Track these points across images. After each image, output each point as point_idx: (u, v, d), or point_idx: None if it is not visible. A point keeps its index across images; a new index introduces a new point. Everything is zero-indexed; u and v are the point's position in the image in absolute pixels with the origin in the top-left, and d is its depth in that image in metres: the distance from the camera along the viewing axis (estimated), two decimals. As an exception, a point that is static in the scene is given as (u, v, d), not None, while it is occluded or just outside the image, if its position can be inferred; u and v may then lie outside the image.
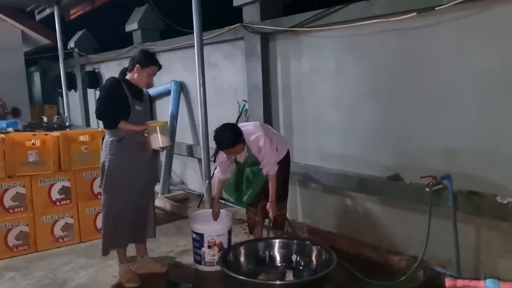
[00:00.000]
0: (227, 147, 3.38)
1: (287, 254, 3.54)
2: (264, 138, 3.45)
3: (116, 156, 3.38)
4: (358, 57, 3.95)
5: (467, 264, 3.26)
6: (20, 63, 9.68)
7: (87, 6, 8.60)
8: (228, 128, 3.43)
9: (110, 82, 3.42)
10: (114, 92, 3.35)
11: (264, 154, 3.48)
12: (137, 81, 3.44)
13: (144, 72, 3.41)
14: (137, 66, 3.39)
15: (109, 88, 3.38)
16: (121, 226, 3.49)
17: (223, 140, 3.36)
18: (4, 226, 4.14)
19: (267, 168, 3.53)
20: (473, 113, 3.20)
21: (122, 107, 3.34)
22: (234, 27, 5.03)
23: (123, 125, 3.33)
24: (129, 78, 3.45)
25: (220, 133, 3.39)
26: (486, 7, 3.02)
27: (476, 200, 3.10)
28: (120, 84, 3.38)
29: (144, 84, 3.48)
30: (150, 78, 3.47)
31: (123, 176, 3.40)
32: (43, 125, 7.24)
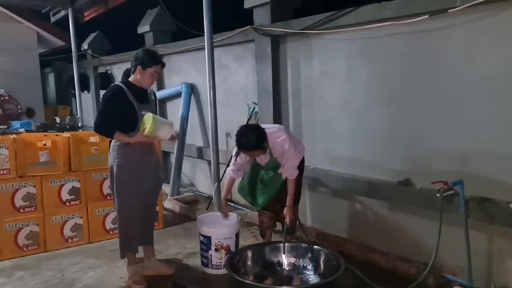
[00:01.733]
0: (249, 149, 3.33)
1: (294, 258, 3.51)
2: (289, 142, 3.41)
3: (124, 160, 3.38)
4: (369, 60, 3.90)
5: (479, 272, 3.18)
6: (35, 64, 9.81)
7: (101, 8, 8.71)
8: (253, 130, 3.36)
9: (111, 92, 3.31)
10: (114, 103, 3.28)
11: (288, 158, 3.44)
12: (140, 82, 3.38)
13: (147, 72, 3.34)
14: (139, 67, 3.32)
15: (108, 99, 3.29)
16: (133, 230, 3.49)
17: (246, 141, 3.29)
18: (14, 226, 4.17)
19: (288, 173, 3.49)
20: (485, 117, 3.13)
21: (126, 116, 3.30)
22: (244, 29, 5.02)
23: (118, 136, 3.30)
24: (132, 80, 3.39)
25: (244, 134, 3.32)
26: (499, 9, 2.96)
27: (489, 206, 3.04)
28: (122, 92, 3.30)
29: (147, 84, 3.41)
30: (153, 78, 3.39)
31: (133, 180, 3.40)
32: (55, 126, 7.33)
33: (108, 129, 3.29)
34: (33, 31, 9.71)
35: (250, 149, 3.33)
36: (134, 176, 3.40)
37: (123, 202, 3.43)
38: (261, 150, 3.36)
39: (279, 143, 3.41)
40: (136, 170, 3.40)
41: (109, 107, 3.29)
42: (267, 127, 3.57)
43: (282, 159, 3.48)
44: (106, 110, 3.29)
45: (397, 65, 3.68)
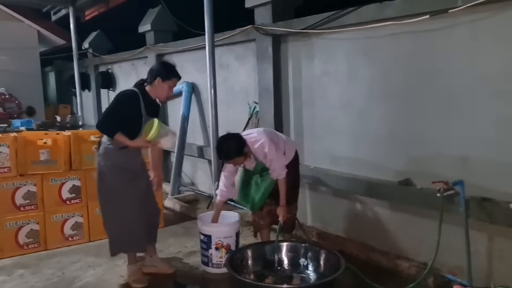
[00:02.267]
0: (230, 157, 3.38)
1: (294, 258, 3.51)
2: (268, 144, 3.43)
3: (114, 164, 3.35)
4: (370, 59, 3.90)
5: (479, 272, 3.18)
6: (35, 63, 9.80)
7: (102, 7, 8.69)
8: (230, 139, 3.41)
9: (126, 96, 3.30)
10: (125, 108, 3.28)
11: (271, 160, 3.46)
12: (157, 94, 3.38)
13: (165, 84, 3.34)
14: (158, 79, 3.31)
15: (122, 102, 3.29)
16: (138, 231, 3.47)
17: (226, 150, 3.35)
18: (15, 224, 4.18)
19: (276, 174, 3.51)
20: (487, 117, 3.13)
21: (131, 124, 3.30)
22: (245, 28, 5.02)
23: (119, 137, 3.26)
24: (148, 90, 3.37)
25: (221, 143, 3.40)
26: (500, 9, 2.96)
27: (489, 207, 3.04)
28: (136, 99, 3.29)
29: (164, 97, 3.42)
30: (170, 90, 3.40)
31: (125, 182, 3.39)
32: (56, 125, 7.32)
33: (110, 128, 3.27)
34: (34, 29, 9.70)
35: (232, 157, 3.37)
36: (125, 178, 3.38)
37: (119, 205, 3.42)
38: (242, 157, 3.40)
39: (259, 147, 3.45)
40: (127, 173, 3.38)
41: (120, 109, 3.27)
42: (246, 133, 3.63)
43: (266, 161, 3.50)
44: (115, 111, 3.27)
45: (398, 65, 3.68)
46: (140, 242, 3.53)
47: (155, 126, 3.21)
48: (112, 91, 8.92)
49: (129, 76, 8.26)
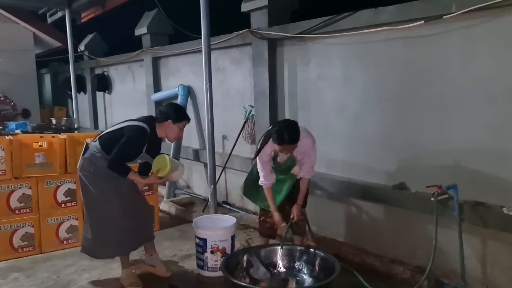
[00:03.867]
0: (291, 141, 3.23)
1: (290, 261, 3.52)
2: (314, 141, 3.44)
3: (100, 168, 3.33)
4: (365, 64, 3.93)
5: (473, 275, 3.22)
6: (31, 65, 9.80)
7: (98, 10, 8.71)
8: (293, 123, 3.30)
9: (139, 136, 3.31)
10: (135, 146, 3.34)
11: (310, 156, 3.45)
12: (166, 134, 3.46)
13: (176, 127, 3.42)
14: (170, 121, 3.39)
15: (133, 142, 3.30)
16: (122, 235, 3.48)
17: (289, 134, 3.20)
18: (9, 227, 4.16)
19: (305, 172, 3.51)
20: (480, 122, 3.16)
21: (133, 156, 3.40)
22: (242, 32, 5.04)
23: (132, 177, 3.35)
24: (158, 129, 3.43)
25: (285, 127, 3.24)
26: (494, 16, 3.00)
27: (482, 210, 3.07)
28: (146, 138, 3.34)
29: (173, 138, 3.50)
30: (181, 132, 3.49)
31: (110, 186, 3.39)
32: (51, 127, 7.32)
33: (123, 168, 3.31)
34: (30, 31, 9.69)
35: (293, 142, 3.24)
36: (109, 181, 3.37)
37: (103, 209, 3.44)
38: (295, 145, 3.30)
39: (305, 141, 3.38)
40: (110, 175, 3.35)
41: (132, 148, 3.32)
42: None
43: (301, 157, 3.47)
44: (127, 150, 3.29)
45: (393, 70, 3.71)
46: (124, 245, 3.54)
47: (168, 163, 3.34)
48: (108, 94, 8.92)
49: (125, 79, 8.26)
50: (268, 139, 3.39)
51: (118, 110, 8.69)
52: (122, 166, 3.31)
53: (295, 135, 3.24)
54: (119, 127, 3.39)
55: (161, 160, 3.40)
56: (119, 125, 3.43)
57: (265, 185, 3.59)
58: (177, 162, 3.54)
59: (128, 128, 3.32)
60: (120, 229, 3.45)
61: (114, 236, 3.47)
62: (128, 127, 3.33)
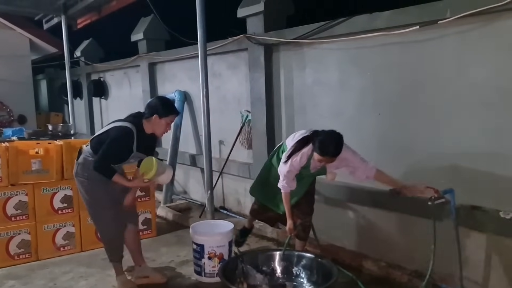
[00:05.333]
0: (334, 155, 3.19)
1: (287, 267, 3.52)
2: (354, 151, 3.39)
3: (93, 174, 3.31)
4: (361, 69, 3.95)
5: (470, 279, 3.22)
6: (27, 71, 9.78)
7: (94, 16, 8.71)
8: (339, 137, 3.22)
9: (122, 137, 3.25)
10: (120, 147, 3.27)
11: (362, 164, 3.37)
12: (154, 130, 3.37)
13: (163, 121, 3.32)
14: (155, 116, 3.29)
15: (118, 143, 3.25)
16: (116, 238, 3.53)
17: (335, 147, 3.16)
18: (6, 234, 4.14)
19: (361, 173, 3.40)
20: (475, 127, 3.18)
21: (120, 159, 3.34)
22: (238, 38, 5.06)
23: (117, 179, 3.28)
24: (145, 126, 3.35)
25: (333, 139, 3.18)
26: (489, 21, 3.02)
27: (479, 215, 3.08)
28: (131, 137, 3.26)
29: (161, 133, 3.41)
30: (168, 127, 3.39)
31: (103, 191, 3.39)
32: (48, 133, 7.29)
33: (109, 170, 3.26)
34: (26, 38, 9.68)
35: (336, 155, 3.20)
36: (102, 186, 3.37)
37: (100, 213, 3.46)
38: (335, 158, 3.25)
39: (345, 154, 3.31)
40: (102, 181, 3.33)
41: (115, 150, 3.26)
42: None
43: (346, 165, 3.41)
44: (111, 152, 3.25)
45: (388, 75, 3.73)
46: (119, 249, 3.57)
47: (154, 166, 3.24)
48: (104, 100, 8.91)
49: (121, 85, 8.26)
50: (303, 145, 3.31)
51: (114, 115, 8.60)
52: (107, 168, 3.26)
53: (339, 148, 3.18)
54: (105, 129, 3.37)
55: (148, 163, 3.30)
56: (107, 127, 3.40)
57: (285, 189, 3.48)
58: (165, 165, 3.44)
59: (113, 129, 3.29)
60: (111, 232, 3.48)
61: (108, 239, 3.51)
62: (113, 128, 3.30)
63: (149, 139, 3.42)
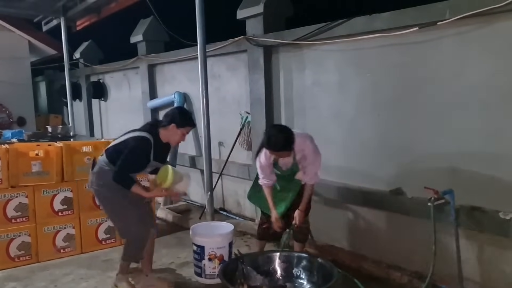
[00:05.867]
0: (276, 148, 3.26)
1: (288, 268, 3.51)
2: (313, 149, 3.42)
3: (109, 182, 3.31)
4: (360, 70, 3.96)
5: (470, 280, 3.23)
6: (26, 73, 9.78)
7: (93, 18, 8.71)
8: (283, 131, 3.29)
9: (141, 147, 3.28)
10: (139, 157, 3.29)
11: (314, 162, 3.43)
12: (169, 139, 3.41)
13: (179, 131, 3.37)
14: (173, 125, 3.34)
15: (136, 153, 3.27)
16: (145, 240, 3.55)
17: (275, 140, 3.22)
18: (6, 236, 4.14)
19: (309, 177, 3.48)
20: (475, 127, 3.19)
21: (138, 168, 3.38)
22: (237, 39, 5.07)
23: (136, 189, 3.29)
24: (161, 134, 3.37)
25: (274, 134, 3.26)
26: (488, 22, 3.04)
27: (479, 215, 3.09)
28: (149, 147, 3.29)
29: (176, 142, 3.46)
30: (184, 137, 3.44)
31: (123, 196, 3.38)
32: (47, 135, 7.30)
33: (128, 181, 3.28)
34: (25, 39, 9.68)
35: (280, 149, 3.27)
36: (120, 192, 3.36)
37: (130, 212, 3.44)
38: (287, 152, 3.31)
39: (304, 146, 3.39)
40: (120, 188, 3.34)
41: (134, 160, 3.28)
42: (295, 130, 3.51)
43: (303, 164, 3.46)
44: (131, 162, 3.27)
45: (388, 76, 3.74)
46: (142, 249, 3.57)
47: (170, 175, 3.26)
48: (104, 101, 8.91)
49: (120, 86, 8.26)
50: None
51: (114, 117, 8.68)
52: (126, 178, 3.28)
53: (285, 142, 3.22)
54: (123, 139, 3.38)
55: (164, 172, 3.33)
56: (123, 136, 3.41)
57: (266, 184, 3.60)
58: (182, 172, 3.44)
59: (131, 139, 3.31)
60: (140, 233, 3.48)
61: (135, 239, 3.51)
62: (131, 138, 3.32)
63: (165, 148, 3.47)
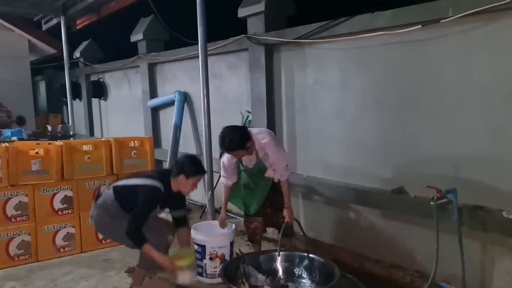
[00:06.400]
0: (231, 149, 3.31)
1: (289, 267, 3.50)
2: (275, 145, 3.43)
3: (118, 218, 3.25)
4: (362, 69, 3.94)
5: (473, 280, 3.21)
6: (26, 72, 9.76)
7: (93, 17, 8.70)
8: (236, 130, 3.33)
9: (152, 198, 3.23)
10: (150, 208, 3.23)
11: (276, 159, 3.45)
12: (180, 188, 3.32)
13: (190, 181, 3.27)
14: (182, 176, 3.24)
15: (148, 204, 3.21)
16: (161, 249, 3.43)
17: (228, 141, 3.26)
18: (5, 235, 4.12)
19: (279, 174, 3.51)
20: (478, 126, 3.17)
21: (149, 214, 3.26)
22: (238, 38, 5.04)
23: (147, 249, 3.14)
24: (172, 183, 3.30)
25: (227, 133, 3.29)
26: (491, 20, 3.01)
27: (482, 215, 3.06)
28: (159, 197, 3.24)
29: (187, 192, 3.37)
30: (194, 186, 3.33)
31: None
32: (47, 134, 7.28)
33: (140, 237, 3.13)
34: (25, 38, 9.66)
35: (233, 149, 3.31)
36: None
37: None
38: (244, 150, 3.33)
39: (263, 144, 3.41)
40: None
41: (146, 212, 3.20)
42: (253, 129, 3.59)
43: (269, 161, 3.49)
44: (143, 215, 3.17)
45: (390, 74, 3.72)
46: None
47: (190, 261, 3.26)
48: (104, 101, 8.89)
49: (120, 86, 8.24)
50: None
51: (114, 116, 8.66)
52: (140, 236, 3.13)
53: (236, 142, 3.26)
54: (133, 184, 3.29)
55: (187, 253, 3.33)
56: (135, 180, 3.34)
57: (225, 184, 3.72)
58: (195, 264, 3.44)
59: (143, 189, 3.22)
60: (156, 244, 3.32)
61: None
62: (143, 188, 3.22)
63: (175, 196, 3.38)
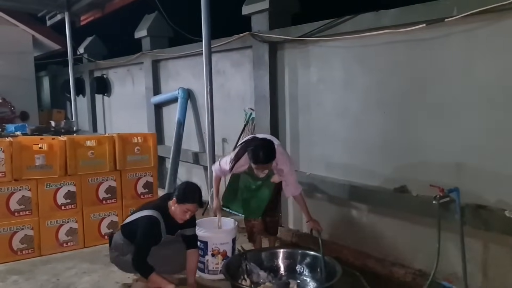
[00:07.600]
0: (265, 162, 3.36)
1: (291, 264, 3.51)
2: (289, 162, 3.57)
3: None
4: (366, 67, 3.94)
5: (475, 279, 3.21)
6: (30, 68, 9.80)
7: (98, 13, 8.73)
8: (269, 146, 3.40)
9: (150, 229, 3.22)
10: (151, 239, 3.24)
11: (292, 175, 3.58)
12: (173, 214, 3.28)
13: (179, 207, 3.21)
14: (174, 200, 3.22)
15: (148, 236, 3.21)
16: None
17: (263, 155, 3.32)
18: (9, 229, 4.14)
19: (293, 190, 3.63)
20: (481, 126, 3.17)
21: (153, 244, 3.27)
22: (242, 35, 5.04)
23: (154, 278, 3.17)
24: (169, 208, 3.28)
25: (261, 148, 3.37)
26: (496, 19, 3.01)
27: (484, 214, 3.06)
28: (157, 226, 3.24)
29: (179, 219, 3.27)
30: (185, 215, 3.22)
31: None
32: (50, 130, 7.32)
33: (146, 268, 3.17)
34: (29, 34, 9.70)
35: (268, 162, 3.37)
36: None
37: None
38: (270, 164, 3.43)
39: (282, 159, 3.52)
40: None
41: (148, 244, 3.21)
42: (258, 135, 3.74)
43: (281, 174, 3.58)
44: (144, 247, 3.19)
45: (394, 73, 3.72)
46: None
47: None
48: (107, 97, 8.91)
49: (124, 82, 8.26)
50: (245, 152, 3.49)
51: (117, 113, 8.69)
52: (145, 267, 3.17)
53: (270, 155, 3.36)
54: (135, 218, 3.34)
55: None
56: (136, 214, 3.37)
57: (216, 173, 3.83)
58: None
59: (140, 221, 3.24)
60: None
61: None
62: (140, 220, 3.25)
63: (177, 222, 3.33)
